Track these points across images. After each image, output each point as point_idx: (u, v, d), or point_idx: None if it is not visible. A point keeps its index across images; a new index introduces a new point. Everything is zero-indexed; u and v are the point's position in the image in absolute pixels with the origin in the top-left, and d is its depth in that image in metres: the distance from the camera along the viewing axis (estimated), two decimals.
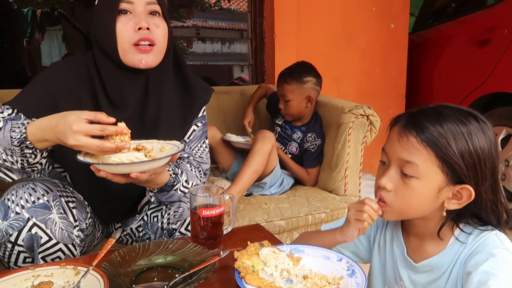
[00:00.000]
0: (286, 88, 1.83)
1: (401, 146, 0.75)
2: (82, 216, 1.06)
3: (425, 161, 0.73)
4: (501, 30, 2.33)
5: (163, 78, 1.13)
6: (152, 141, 0.97)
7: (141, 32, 1.02)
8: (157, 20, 1.06)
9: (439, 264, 0.79)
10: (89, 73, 1.07)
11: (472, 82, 2.52)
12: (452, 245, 0.78)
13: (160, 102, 1.12)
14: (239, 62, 5.19)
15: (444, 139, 0.71)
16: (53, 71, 1.07)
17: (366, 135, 1.74)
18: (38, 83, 1.05)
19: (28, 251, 0.96)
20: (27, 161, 0.93)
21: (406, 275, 0.85)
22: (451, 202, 0.75)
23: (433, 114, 0.74)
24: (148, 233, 1.19)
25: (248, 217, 1.49)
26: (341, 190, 1.74)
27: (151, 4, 1.05)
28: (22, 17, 4.51)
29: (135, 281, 0.83)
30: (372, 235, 0.95)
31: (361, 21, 2.77)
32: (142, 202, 1.22)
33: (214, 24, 5.53)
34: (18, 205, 0.95)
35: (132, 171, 0.86)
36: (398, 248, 0.88)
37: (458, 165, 0.71)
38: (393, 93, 2.99)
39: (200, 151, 1.25)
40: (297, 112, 1.87)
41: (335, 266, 0.87)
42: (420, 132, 0.73)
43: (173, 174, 1.08)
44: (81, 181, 1.12)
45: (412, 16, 3.37)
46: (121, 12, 1.02)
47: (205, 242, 0.96)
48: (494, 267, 0.69)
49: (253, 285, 0.78)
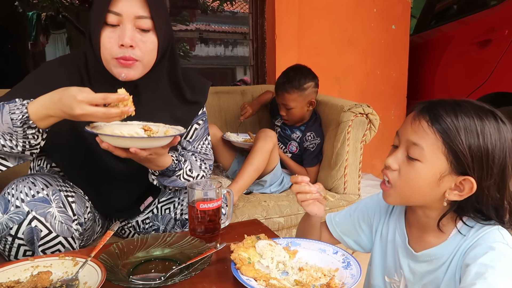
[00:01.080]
0: (288, 97, 1.83)
1: (412, 129, 0.77)
2: (81, 211, 1.08)
3: (431, 146, 0.73)
4: (501, 31, 2.33)
5: (153, 87, 1.10)
6: (159, 125, 1.01)
7: (123, 49, 0.98)
8: (145, 37, 1.01)
9: (439, 254, 0.79)
10: (80, 75, 1.07)
11: (473, 83, 2.52)
12: (453, 237, 0.78)
13: (151, 109, 1.10)
14: (241, 64, 5.21)
15: (455, 128, 0.72)
16: (46, 70, 1.07)
17: (365, 134, 1.74)
18: (31, 80, 1.05)
19: (28, 244, 0.97)
20: (29, 142, 0.91)
21: (406, 264, 0.86)
22: (452, 192, 0.75)
23: (451, 104, 0.75)
24: (157, 225, 1.21)
25: (247, 214, 1.50)
26: (340, 188, 1.75)
27: (142, 18, 0.99)
28: (27, 20, 4.56)
29: (133, 273, 0.84)
30: (374, 225, 0.96)
31: (363, 22, 2.78)
32: (145, 203, 1.23)
33: (217, 28, 5.57)
34: (18, 199, 0.96)
35: (132, 145, 0.89)
36: (400, 237, 0.88)
37: (464, 155, 0.71)
38: (394, 94, 2.99)
39: (204, 148, 1.26)
40: (299, 117, 1.89)
41: (330, 258, 0.88)
42: (432, 118, 0.74)
43: (176, 160, 1.09)
44: (78, 181, 1.14)
45: (414, 18, 3.38)
46: (108, 24, 0.99)
47: (202, 235, 0.97)
48: (493, 260, 0.69)
49: (249, 276, 0.79)
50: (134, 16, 0.98)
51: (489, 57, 2.41)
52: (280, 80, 1.87)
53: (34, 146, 0.93)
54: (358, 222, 0.98)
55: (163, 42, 1.05)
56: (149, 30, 1.01)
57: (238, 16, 5.21)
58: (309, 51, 2.59)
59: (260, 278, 0.78)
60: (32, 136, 0.91)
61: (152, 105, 1.10)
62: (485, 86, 2.43)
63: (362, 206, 0.99)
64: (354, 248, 1.00)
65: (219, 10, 5.04)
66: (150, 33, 1.01)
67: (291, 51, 2.53)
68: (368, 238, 0.98)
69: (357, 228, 0.97)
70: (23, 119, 0.88)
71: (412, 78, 3.02)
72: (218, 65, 5.65)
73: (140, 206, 1.23)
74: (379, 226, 0.94)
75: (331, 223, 1.00)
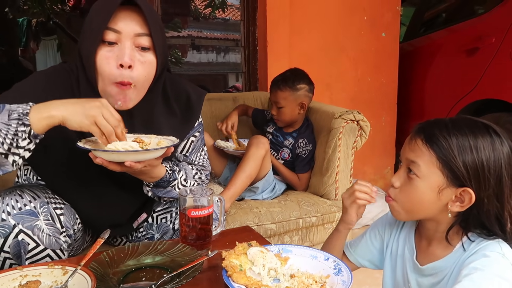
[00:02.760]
0: (280, 95, 1.85)
1: (410, 148, 0.82)
2: (70, 223, 1.04)
3: (427, 162, 0.78)
4: (489, 39, 2.37)
5: (147, 115, 1.08)
6: (150, 136, 1.02)
7: (121, 71, 0.94)
8: (144, 56, 0.97)
9: (443, 267, 0.82)
10: (72, 91, 1.02)
11: (461, 89, 2.56)
12: (456, 250, 0.81)
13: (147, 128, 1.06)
14: (233, 71, 5.23)
15: (448, 145, 0.76)
16: (36, 80, 1.03)
17: (356, 140, 1.76)
18: (19, 89, 1.00)
19: (15, 258, 0.94)
20: (17, 142, 0.85)
21: (414, 278, 0.88)
22: (454, 204, 0.78)
23: (446, 123, 0.79)
24: (151, 233, 1.19)
25: (239, 221, 1.49)
26: (332, 194, 1.75)
27: (141, 36, 0.95)
28: (17, 26, 4.52)
29: (123, 281, 0.83)
30: (385, 240, 0.99)
31: (353, 29, 2.81)
32: (139, 220, 1.21)
33: (209, 34, 5.59)
34: (4, 212, 0.93)
35: (126, 159, 0.89)
36: (409, 251, 0.91)
37: (458, 169, 0.75)
38: (384, 101, 3.02)
39: (201, 159, 1.25)
40: (289, 119, 1.89)
41: (322, 265, 0.88)
42: (427, 136, 0.79)
43: (170, 170, 1.08)
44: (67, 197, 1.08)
45: (403, 25, 3.43)
46: (106, 42, 0.94)
47: (194, 243, 0.96)
48: (484, 265, 0.72)
49: (240, 283, 0.78)
50: (133, 34, 0.95)
51: (477, 64, 2.45)
52: (276, 78, 1.90)
53: (21, 147, 0.86)
54: (371, 241, 1.01)
55: (161, 61, 1.01)
56: (149, 48, 0.98)
57: (230, 23, 5.23)
58: (300, 58, 2.61)
59: (251, 285, 0.78)
60: (22, 134, 0.85)
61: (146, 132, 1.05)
62: (473, 93, 2.47)
63: (373, 226, 1.02)
64: (371, 268, 1.03)
65: (211, 17, 5.06)
66: (149, 52, 0.98)
67: (283, 58, 2.55)
68: (380, 255, 1.00)
69: (371, 247, 1.01)
70: (23, 113, 0.84)
71: (402, 85, 3.05)
72: (210, 72, 5.66)
73: (133, 223, 1.20)
74: (390, 241, 0.97)
75: (347, 248, 1.03)
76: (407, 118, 3.12)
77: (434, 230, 0.85)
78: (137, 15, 0.96)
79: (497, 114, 2.29)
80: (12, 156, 0.86)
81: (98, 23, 0.94)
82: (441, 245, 0.84)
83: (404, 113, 3.09)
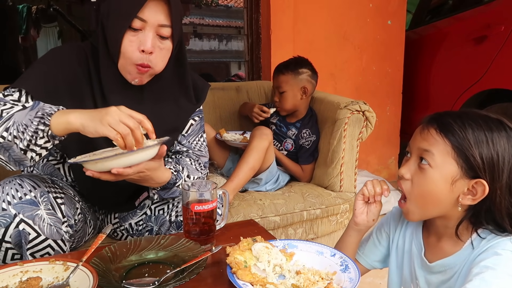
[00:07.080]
0: (282, 79, 1.84)
1: (422, 137, 0.80)
2: (71, 212, 1.05)
3: (441, 151, 0.76)
4: (498, 27, 2.32)
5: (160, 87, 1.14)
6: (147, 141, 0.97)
7: (142, 56, 1.01)
8: (163, 44, 1.04)
9: (452, 264, 0.80)
10: (87, 65, 1.08)
11: (469, 79, 2.52)
12: (466, 247, 0.79)
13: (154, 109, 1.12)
14: (236, 59, 5.17)
15: (463, 133, 0.74)
16: (56, 55, 1.08)
17: (361, 131, 1.73)
18: (42, 65, 1.04)
19: (16, 248, 0.94)
20: (35, 139, 0.89)
21: (422, 275, 0.87)
22: (466, 197, 0.76)
23: (458, 113, 0.78)
24: (151, 226, 1.19)
25: (242, 213, 1.48)
26: (336, 186, 1.73)
27: (164, 27, 1.03)
28: (17, 13, 4.46)
29: (126, 277, 0.82)
30: (391, 236, 0.97)
31: (358, 17, 2.76)
32: (141, 198, 1.21)
33: (211, 22, 5.50)
34: (5, 201, 0.93)
35: (113, 166, 0.85)
36: (417, 247, 0.89)
37: (474, 159, 0.73)
38: (390, 90, 2.98)
39: (199, 145, 1.26)
40: (291, 105, 1.85)
41: (328, 261, 0.87)
42: (440, 124, 0.77)
43: (175, 172, 1.09)
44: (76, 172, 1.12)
45: (409, 13, 3.36)
46: (132, 28, 1.01)
47: (197, 237, 0.95)
48: (495, 264, 0.70)
49: (245, 280, 0.77)
50: (157, 24, 1.02)
51: (485, 53, 2.40)
52: (280, 64, 1.89)
53: (38, 145, 0.89)
54: (378, 240, 0.99)
55: (176, 47, 1.09)
56: (168, 37, 1.05)
57: (233, 10, 5.15)
58: (304, 47, 2.57)
59: (256, 282, 0.77)
60: (40, 134, 0.88)
61: (157, 97, 1.14)
62: (481, 83, 2.43)
63: (379, 225, 1.01)
64: (380, 267, 1.02)
65: (214, 4, 4.98)
66: (168, 40, 1.05)
67: (286, 47, 2.50)
68: (388, 251, 0.99)
69: (379, 246, 0.99)
70: (47, 113, 0.88)
71: (407, 74, 3.01)
72: (212, 60, 5.60)
73: (135, 201, 1.21)
74: (395, 237, 0.95)
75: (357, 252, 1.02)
76: (412, 108, 3.08)
77: (443, 226, 0.83)
78: (163, 7, 1.02)
79: (505, 104, 2.25)
80: (31, 152, 0.90)
81: (129, 11, 1.00)
82: (450, 241, 0.82)
83: (409, 103, 3.05)
